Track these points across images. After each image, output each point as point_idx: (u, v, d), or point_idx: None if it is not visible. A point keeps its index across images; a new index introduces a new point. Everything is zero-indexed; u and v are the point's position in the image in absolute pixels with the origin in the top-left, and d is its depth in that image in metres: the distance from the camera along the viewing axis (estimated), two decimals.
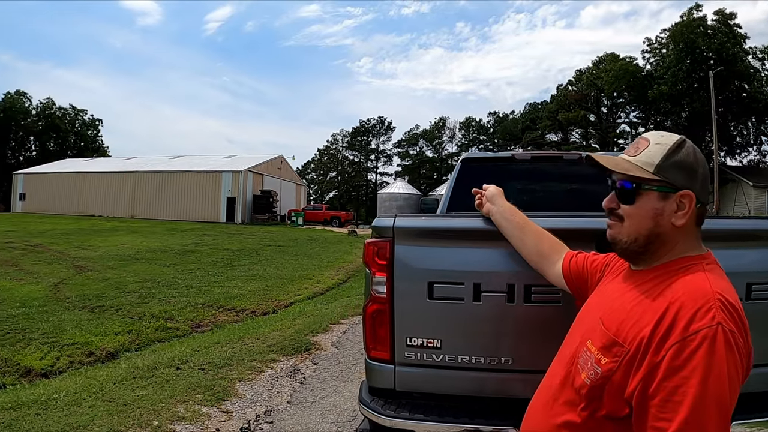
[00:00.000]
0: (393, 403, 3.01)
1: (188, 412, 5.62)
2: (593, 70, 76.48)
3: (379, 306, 2.99)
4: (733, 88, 58.37)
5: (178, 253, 24.04)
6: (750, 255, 2.96)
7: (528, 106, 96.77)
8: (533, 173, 6.40)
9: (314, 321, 10.62)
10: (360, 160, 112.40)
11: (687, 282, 1.65)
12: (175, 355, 8.03)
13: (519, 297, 2.83)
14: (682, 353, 1.48)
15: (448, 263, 2.91)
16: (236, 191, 54.22)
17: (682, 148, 1.79)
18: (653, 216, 1.77)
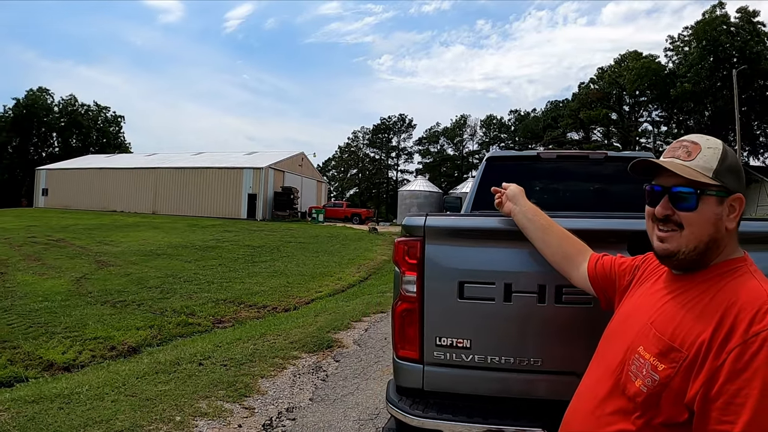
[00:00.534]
0: (421, 402, 2.98)
1: (210, 407, 5.63)
2: (615, 68, 75.97)
3: (408, 305, 2.96)
4: (757, 87, 57.87)
5: (199, 249, 24.13)
6: None
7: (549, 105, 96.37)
8: (559, 172, 6.35)
9: (336, 318, 10.60)
10: (381, 158, 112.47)
11: (740, 285, 1.65)
12: (197, 350, 8.04)
13: (550, 298, 2.80)
14: (743, 356, 1.47)
15: (479, 263, 2.89)
16: (257, 188, 54.36)
17: (729, 152, 1.80)
18: (714, 221, 1.75)
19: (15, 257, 20.38)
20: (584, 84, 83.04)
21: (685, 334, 1.64)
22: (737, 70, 47.20)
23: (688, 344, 1.61)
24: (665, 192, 1.81)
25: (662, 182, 1.82)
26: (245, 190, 54.61)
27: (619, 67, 74.37)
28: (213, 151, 66.97)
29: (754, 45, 56.53)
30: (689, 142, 1.83)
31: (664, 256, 1.83)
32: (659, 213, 1.82)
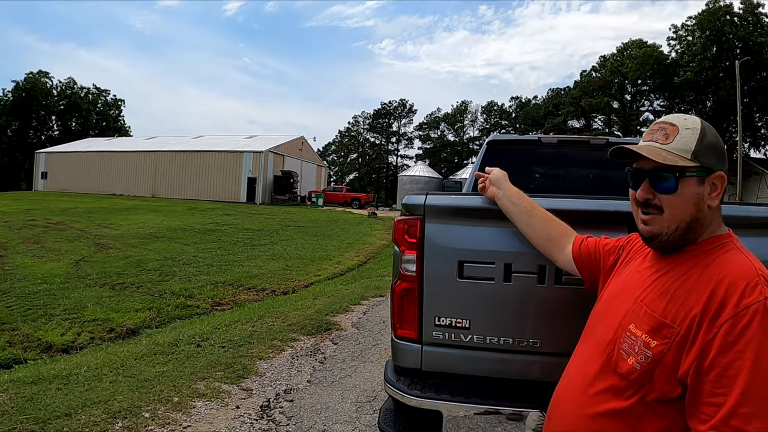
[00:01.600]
0: (419, 382, 2.98)
1: (208, 389, 5.64)
2: (618, 56, 75.66)
3: (407, 284, 2.96)
4: (759, 78, 57.64)
5: (198, 232, 24.16)
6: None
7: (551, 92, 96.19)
8: (559, 157, 6.35)
9: (334, 301, 10.63)
10: (381, 143, 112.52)
11: (728, 260, 1.67)
12: (195, 332, 8.05)
13: (550, 278, 2.79)
14: (735, 328, 1.49)
15: (479, 242, 2.88)
16: (257, 171, 54.44)
17: (708, 131, 1.80)
18: (695, 201, 1.76)
19: (14, 240, 20.41)
20: (586, 72, 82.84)
21: (677, 310, 1.66)
22: (740, 60, 46.97)
23: (680, 320, 1.63)
24: (645, 175, 1.82)
25: (643, 165, 1.84)
26: (245, 173, 54.68)
27: (622, 55, 74.07)
28: (213, 135, 67.22)
29: (758, 36, 56.27)
30: (667, 124, 1.84)
31: (648, 238, 1.86)
32: (640, 197, 1.84)
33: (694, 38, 60.85)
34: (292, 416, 5.28)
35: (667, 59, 64.29)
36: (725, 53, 57.30)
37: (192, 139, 64.29)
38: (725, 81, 56.51)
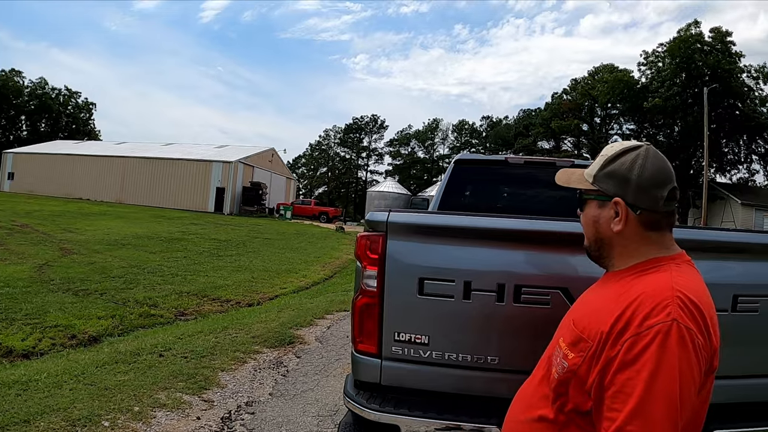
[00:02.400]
0: (378, 397, 3.02)
1: (169, 399, 5.62)
2: (589, 80, 76.65)
3: (368, 299, 3.00)
4: (727, 106, 58.59)
5: (164, 240, 23.96)
6: (737, 267, 3.01)
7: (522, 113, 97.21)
8: (525, 178, 6.44)
9: (299, 315, 10.62)
10: (351, 157, 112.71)
11: (650, 280, 1.70)
12: (158, 341, 8.00)
13: (509, 297, 2.85)
14: (635, 347, 1.52)
15: (440, 260, 2.93)
16: (226, 182, 54.19)
17: (621, 158, 1.87)
18: (593, 223, 1.91)
19: None
20: (557, 94, 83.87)
21: (593, 325, 1.71)
22: (708, 87, 47.84)
23: (593, 334, 1.68)
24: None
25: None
26: (214, 183, 54.40)
27: (593, 79, 75.02)
28: (183, 143, 66.87)
29: (726, 64, 57.23)
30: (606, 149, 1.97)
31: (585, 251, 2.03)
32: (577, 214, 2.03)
33: (665, 64, 61.72)
34: (253, 429, 5.28)
35: (638, 84, 65.10)
36: (694, 80, 58.16)
37: (162, 147, 63.83)
38: (693, 107, 57.36)
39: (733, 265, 3.02)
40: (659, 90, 60.47)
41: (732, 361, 2.95)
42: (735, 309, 2.92)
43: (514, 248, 2.97)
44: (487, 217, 3.03)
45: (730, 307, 2.92)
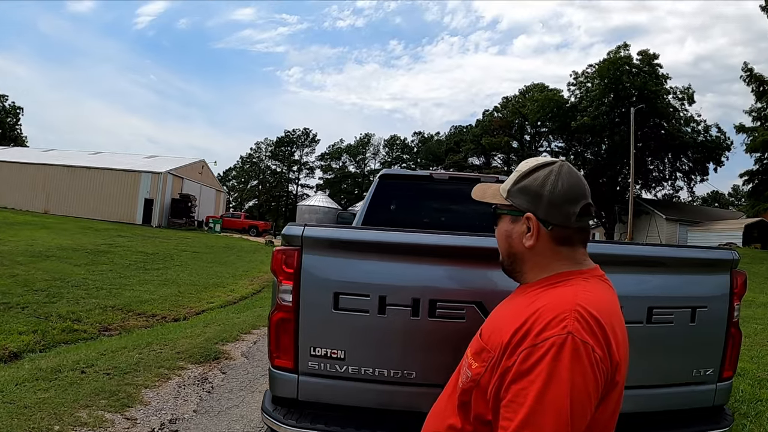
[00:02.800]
0: (295, 412, 3.03)
1: (91, 417, 5.47)
2: (519, 98, 78.21)
3: (284, 314, 3.00)
4: (653, 125, 60.21)
5: (90, 252, 23.44)
6: (652, 280, 3.14)
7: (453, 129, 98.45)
8: (450, 193, 6.53)
9: (225, 330, 10.48)
10: (282, 171, 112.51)
11: (553, 294, 1.73)
12: (80, 358, 7.80)
13: (424, 311, 2.89)
14: (530, 358, 1.55)
15: (355, 275, 2.96)
16: (155, 193, 53.22)
17: (534, 174, 1.90)
18: (505, 237, 1.95)
19: None
20: (488, 112, 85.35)
21: (496, 335, 1.75)
22: (635, 108, 49.24)
23: (495, 345, 1.72)
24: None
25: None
26: (142, 194, 53.33)
27: (524, 97, 76.55)
28: (112, 152, 65.41)
29: (653, 85, 58.94)
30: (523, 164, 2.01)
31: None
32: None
33: (594, 85, 63.18)
34: None
35: (567, 103, 66.40)
36: (622, 100, 59.65)
37: (90, 155, 62.22)
38: (621, 126, 58.79)
39: (649, 278, 3.14)
40: (588, 109, 61.91)
41: (648, 371, 3.08)
42: (650, 321, 3.04)
43: (429, 263, 3.00)
44: (401, 232, 3.06)
45: (645, 318, 3.03)
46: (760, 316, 15.41)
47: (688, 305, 3.16)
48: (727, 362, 3.35)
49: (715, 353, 3.30)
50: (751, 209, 44.15)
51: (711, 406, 3.38)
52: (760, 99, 41.77)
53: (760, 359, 9.88)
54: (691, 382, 3.28)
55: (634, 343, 2.80)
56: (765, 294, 19.73)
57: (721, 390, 3.37)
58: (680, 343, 3.18)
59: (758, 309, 16.62)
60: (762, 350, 10.67)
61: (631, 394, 3.02)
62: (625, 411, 3.02)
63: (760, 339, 11.92)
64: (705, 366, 3.27)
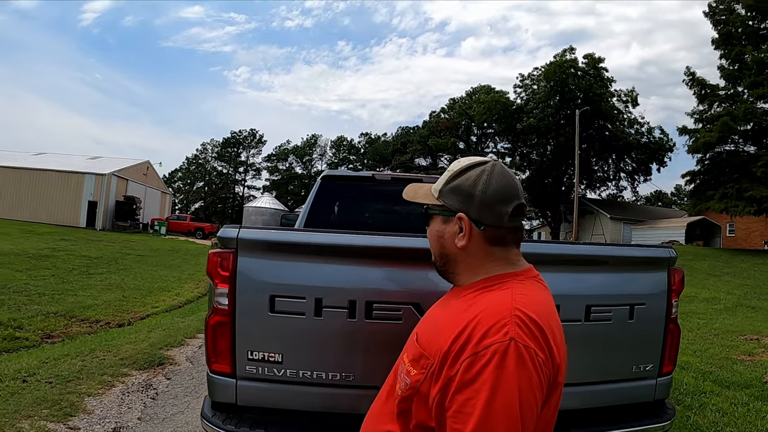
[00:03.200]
0: (234, 417, 3.01)
1: (33, 428, 5.35)
2: (466, 100, 78.92)
3: (220, 318, 2.98)
4: (597, 126, 61.37)
5: (32, 257, 22.95)
6: (590, 279, 3.20)
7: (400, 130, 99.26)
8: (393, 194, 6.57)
9: (169, 334, 10.38)
10: (228, 172, 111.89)
11: (490, 299, 1.70)
12: (21, 366, 7.63)
13: (360, 313, 2.89)
14: (473, 367, 1.51)
15: (291, 277, 2.94)
16: (98, 195, 52.33)
17: (466, 174, 1.88)
18: (437, 237, 1.92)
19: None
20: (435, 113, 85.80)
21: (434, 342, 1.72)
22: (580, 110, 50.10)
23: (434, 352, 1.68)
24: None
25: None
26: (86, 196, 52.37)
27: (470, 99, 77.23)
28: (55, 153, 63.78)
29: (597, 88, 60.16)
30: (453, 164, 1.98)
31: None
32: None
33: (539, 87, 64.10)
34: None
35: (513, 105, 67.18)
36: (567, 102, 60.65)
37: (32, 156, 60.62)
38: (566, 128, 59.76)
39: (587, 277, 3.19)
40: (534, 111, 62.99)
41: (587, 368, 3.13)
42: (588, 319, 3.08)
43: (365, 264, 3.00)
44: (335, 233, 3.07)
45: (583, 317, 3.07)
46: (702, 311, 15.84)
47: (626, 303, 3.22)
48: (666, 358, 3.43)
49: (655, 349, 3.38)
50: (693, 208, 45.18)
51: (652, 401, 3.45)
52: (702, 102, 42.77)
53: (703, 353, 10.16)
54: (631, 378, 3.34)
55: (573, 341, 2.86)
56: (707, 290, 20.25)
57: (661, 385, 3.45)
58: (619, 340, 3.24)
59: (701, 304, 17.07)
60: (704, 344, 10.97)
61: (573, 391, 3.09)
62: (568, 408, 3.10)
63: (702, 333, 12.26)
64: (644, 362, 3.34)
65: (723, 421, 6.63)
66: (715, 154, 41.83)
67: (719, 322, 14.03)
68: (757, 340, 11.48)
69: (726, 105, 40.95)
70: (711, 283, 22.38)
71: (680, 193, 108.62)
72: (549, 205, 65.99)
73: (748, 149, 40.51)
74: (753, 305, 17.11)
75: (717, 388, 7.88)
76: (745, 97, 40.20)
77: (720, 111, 40.45)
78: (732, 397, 7.47)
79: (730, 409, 7.02)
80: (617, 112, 62.92)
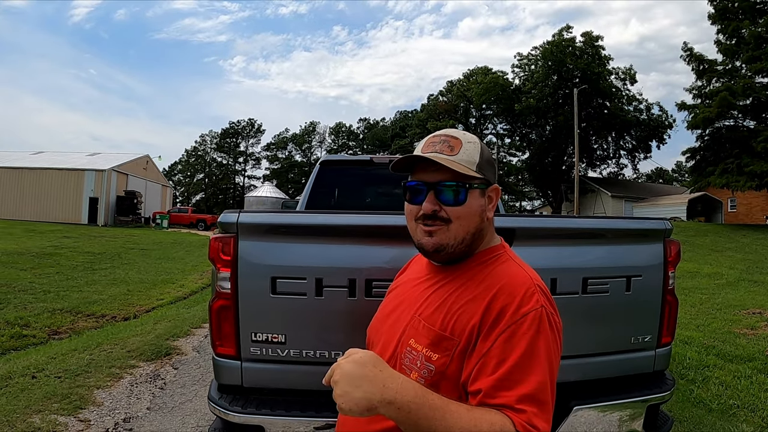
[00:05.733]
0: (241, 399, 3.06)
1: (44, 422, 5.42)
2: (464, 82, 78.60)
3: (223, 302, 3.03)
4: (596, 105, 61.31)
5: (36, 256, 23.00)
6: (587, 252, 3.25)
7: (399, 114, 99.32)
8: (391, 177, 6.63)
9: (175, 325, 10.46)
10: (228, 163, 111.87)
11: (505, 271, 1.76)
12: (30, 363, 7.69)
13: (360, 291, 2.96)
14: (515, 335, 1.57)
15: (291, 259, 2.99)
16: (99, 191, 52.42)
17: (485, 146, 1.89)
18: (480, 213, 1.82)
19: None
20: (433, 96, 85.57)
21: (455, 322, 1.70)
22: (578, 88, 49.95)
23: (459, 331, 1.68)
24: (430, 188, 1.81)
25: (425, 178, 1.83)
26: (86, 193, 52.48)
27: (468, 81, 76.89)
28: (53, 151, 63.78)
29: (596, 67, 60.09)
30: (449, 137, 1.86)
31: (434, 251, 1.83)
32: (427, 209, 1.80)
33: (537, 67, 63.95)
34: None
35: (511, 86, 67.11)
36: (565, 81, 60.62)
37: (31, 155, 60.67)
38: (564, 107, 59.79)
39: (584, 250, 3.24)
40: (532, 91, 62.86)
41: (586, 340, 3.19)
42: (585, 291, 3.13)
43: (363, 243, 3.06)
44: (333, 214, 3.12)
45: (580, 289, 3.13)
46: (705, 286, 15.86)
47: (622, 275, 3.27)
48: (664, 329, 3.48)
49: (653, 320, 3.43)
50: (694, 184, 45.00)
51: (652, 371, 3.51)
52: (700, 77, 42.61)
53: (706, 327, 10.22)
54: (630, 350, 3.40)
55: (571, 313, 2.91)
56: (709, 265, 20.27)
57: (660, 355, 3.51)
58: (617, 312, 3.30)
59: (703, 279, 17.10)
60: (707, 319, 11.03)
61: (574, 363, 3.16)
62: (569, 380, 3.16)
63: (705, 308, 12.30)
64: (643, 333, 3.40)
65: (726, 393, 6.71)
66: (715, 129, 41.66)
67: (721, 296, 14.10)
68: (759, 314, 11.54)
69: (725, 80, 40.75)
70: (713, 259, 22.41)
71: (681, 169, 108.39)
72: (549, 184, 65.99)
73: (748, 124, 40.35)
74: (755, 279, 17.12)
75: (720, 362, 7.95)
76: (743, 71, 40.03)
77: (719, 86, 40.26)
78: (735, 371, 7.54)
79: (733, 382, 7.10)
80: (616, 90, 62.81)
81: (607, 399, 3.19)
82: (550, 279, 3.01)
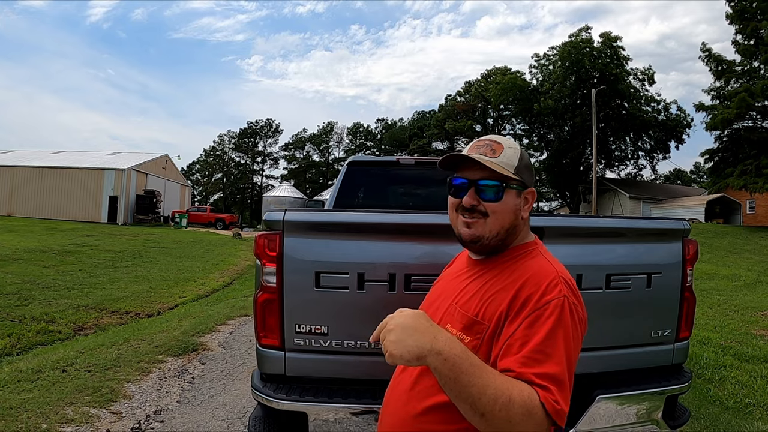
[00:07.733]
0: (285, 387, 3.20)
1: (77, 414, 5.55)
2: (482, 82, 78.55)
3: (269, 295, 3.18)
4: (614, 106, 60.83)
5: (58, 253, 23.20)
6: (610, 250, 3.41)
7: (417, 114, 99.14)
8: (416, 177, 6.77)
9: (200, 322, 10.60)
10: (246, 162, 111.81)
11: (532, 264, 1.93)
12: (59, 357, 7.83)
13: (400, 285, 3.12)
14: (538, 320, 1.71)
15: (334, 255, 3.16)
16: (119, 190, 52.62)
17: (524, 153, 2.08)
18: (515, 211, 2.01)
19: None
20: (451, 96, 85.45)
21: (486, 308, 1.87)
22: (596, 89, 49.65)
23: (489, 316, 1.83)
24: (471, 184, 2.02)
25: (468, 175, 2.03)
26: (106, 192, 52.71)
27: (486, 81, 76.79)
28: (73, 150, 64.35)
29: (614, 67, 59.64)
30: (492, 142, 2.07)
31: (470, 241, 2.03)
32: (467, 203, 2.01)
33: (555, 67, 63.62)
34: None
35: (529, 86, 66.80)
36: (584, 82, 60.20)
37: (51, 154, 61.12)
38: (582, 108, 59.47)
39: (607, 248, 3.40)
40: (550, 92, 62.46)
41: (609, 333, 3.35)
42: (608, 287, 3.29)
43: (403, 240, 3.21)
44: (376, 212, 3.29)
45: (604, 285, 3.29)
46: (723, 287, 15.85)
47: (643, 272, 3.43)
48: (683, 323, 3.63)
49: (672, 315, 3.59)
50: (713, 186, 44.70)
51: (670, 364, 3.65)
52: (718, 78, 42.38)
53: (723, 328, 10.27)
54: (650, 343, 3.55)
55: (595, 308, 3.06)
56: (727, 267, 20.21)
57: (678, 349, 3.66)
58: (638, 307, 3.45)
59: (721, 281, 17.07)
60: (725, 320, 11.06)
61: (598, 355, 3.32)
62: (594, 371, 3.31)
63: (722, 310, 12.33)
64: (663, 327, 3.55)
65: (742, 393, 6.80)
66: (733, 130, 41.42)
67: (739, 298, 14.10)
68: None
69: (743, 81, 40.52)
70: (731, 261, 22.32)
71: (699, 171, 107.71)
72: (567, 185, 65.74)
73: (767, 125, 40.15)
74: None
75: (737, 362, 8.03)
76: (761, 72, 39.80)
77: (737, 87, 40.04)
78: (751, 371, 7.62)
79: (750, 381, 7.18)
80: (634, 91, 62.28)
81: (629, 389, 3.32)
82: (576, 275, 3.15)
